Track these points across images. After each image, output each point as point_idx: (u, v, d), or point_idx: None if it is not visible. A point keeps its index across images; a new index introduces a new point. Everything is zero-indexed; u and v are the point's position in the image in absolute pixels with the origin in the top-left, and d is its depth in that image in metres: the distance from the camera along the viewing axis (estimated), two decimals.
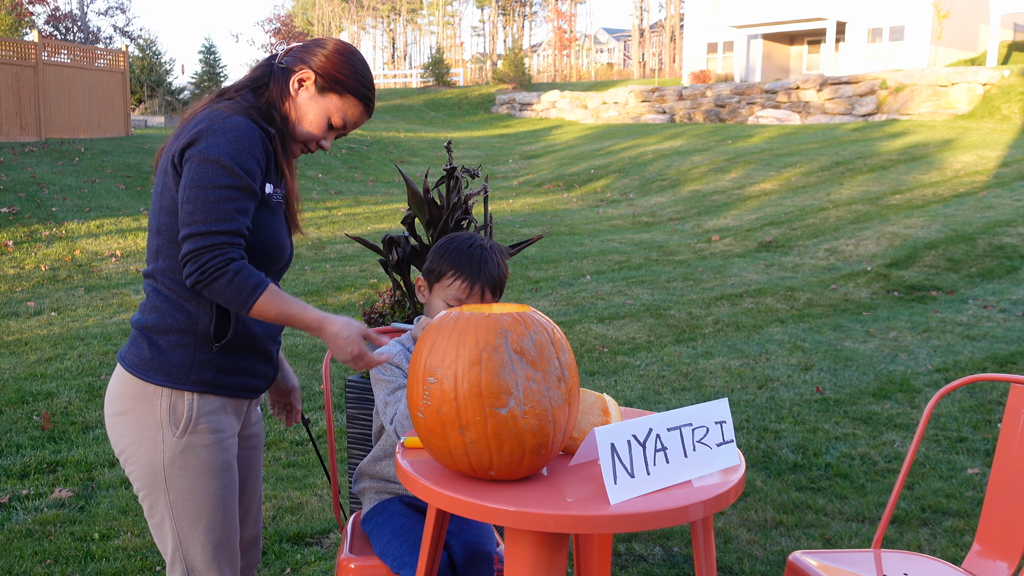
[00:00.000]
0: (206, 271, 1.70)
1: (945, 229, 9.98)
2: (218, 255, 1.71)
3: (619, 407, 1.64)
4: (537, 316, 1.50)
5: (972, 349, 6.21)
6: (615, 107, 28.29)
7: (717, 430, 1.50)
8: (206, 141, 1.75)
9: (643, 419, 1.43)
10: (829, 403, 5.14)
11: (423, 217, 2.92)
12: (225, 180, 1.73)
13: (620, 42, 67.70)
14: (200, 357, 1.85)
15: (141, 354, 1.86)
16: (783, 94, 24.23)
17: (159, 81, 25.90)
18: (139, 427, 1.84)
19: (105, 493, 3.75)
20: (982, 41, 29.56)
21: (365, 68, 1.95)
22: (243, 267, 1.73)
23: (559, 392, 1.43)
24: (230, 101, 1.87)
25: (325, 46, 1.94)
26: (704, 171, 16.01)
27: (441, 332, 1.47)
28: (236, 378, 1.91)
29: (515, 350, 1.41)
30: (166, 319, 1.85)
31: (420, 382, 1.46)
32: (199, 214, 1.72)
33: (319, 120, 1.91)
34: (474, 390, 1.39)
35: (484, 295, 2.09)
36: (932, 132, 17.55)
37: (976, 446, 4.42)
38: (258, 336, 1.92)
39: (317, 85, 1.90)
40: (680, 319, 7.19)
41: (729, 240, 10.95)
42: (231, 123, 1.78)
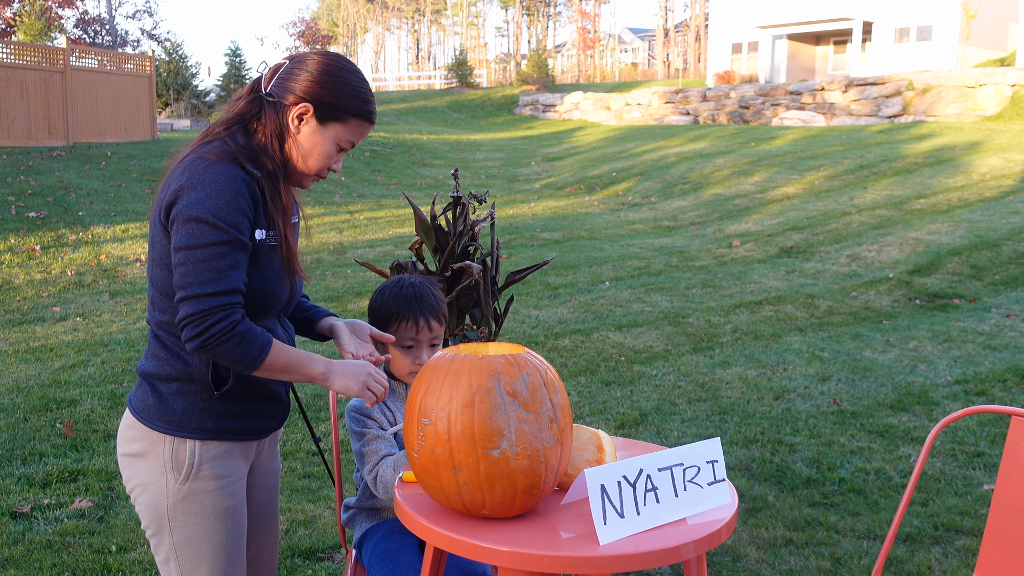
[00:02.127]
0: (211, 336, 1.69)
1: (969, 235, 9.88)
2: (222, 318, 1.69)
3: (614, 443, 1.66)
4: (530, 358, 1.53)
5: (993, 360, 6.16)
6: (638, 108, 28.23)
7: (708, 469, 1.52)
8: (187, 197, 1.72)
9: (634, 460, 1.45)
10: (846, 415, 5.12)
11: (430, 243, 2.96)
12: (212, 237, 1.70)
13: (644, 42, 67.53)
14: (200, 405, 1.85)
15: (145, 400, 1.88)
16: (808, 95, 24.07)
17: (185, 84, 26.16)
18: (145, 470, 1.87)
19: (124, 504, 3.81)
20: (1011, 41, 29.20)
21: (359, 79, 1.89)
22: (248, 328, 1.73)
23: (551, 433, 1.45)
24: (217, 143, 1.82)
25: (310, 67, 1.86)
26: (727, 174, 15.94)
27: (436, 374, 1.50)
28: (240, 422, 1.91)
29: (508, 392, 1.43)
30: (165, 367, 1.85)
31: (415, 423, 1.49)
32: (192, 276, 1.70)
33: (328, 151, 1.88)
34: (467, 432, 1.42)
35: (431, 326, 2.22)
36: (959, 134, 17.37)
37: (994, 461, 4.39)
38: (261, 380, 1.90)
39: (317, 117, 1.85)
40: (698, 327, 7.18)
41: (750, 245, 10.91)
42: (210, 174, 1.74)
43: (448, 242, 2.83)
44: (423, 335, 2.20)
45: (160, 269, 1.81)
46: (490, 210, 2.97)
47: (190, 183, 1.73)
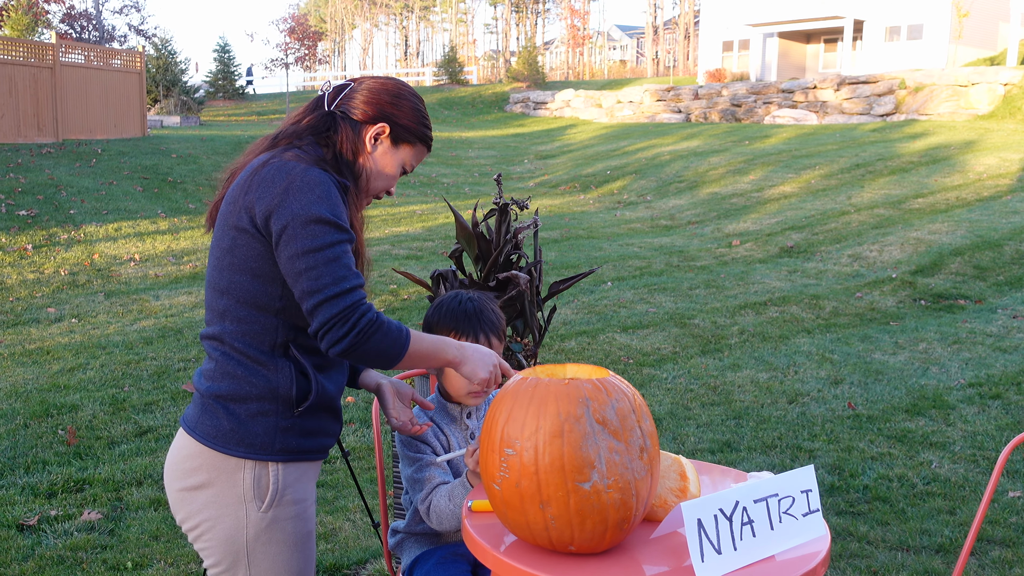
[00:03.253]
0: (361, 331, 1.63)
1: (970, 235, 9.86)
2: (365, 311, 1.66)
3: (695, 469, 1.58)
4: (618, 382, 1.44)
5: (1005, 362, 6.11)
6: (630, 106, 28.17)
7: (803, 499, 1.43)
8: (297, 201, 1.66)
9: (729, 492, 1.36)
10: (862, 419, 5.06)
11: (472, 252, 2.85)
12: (335, 236, 1.67)
13: (633, 39, 67.48)
14: (283, 424, 1.75)
15: (218, 425, 1.75)
16: (800, 93, 24.07)
17: (174, 81, 25.92)
18: (219, 502, 1.74)
19: (135, 515, 3.70)
20: (1002, 40, 29.29)
21: (423, 106, 1.93)
22: (388, 319, 1.70)
23: (641, 463, 1.36)
24: (296, 151, 1.77)
25: (381, 89, 1.87)
26: (722, 173, 15.89)
27: (519, 400, 1.40)
28: (315, 440, 1.82)
29: (597, 420, 1.34)
30: (243, 386, 1.74)
31: (496, 453, 1.39)
32: (327, 276, 1.64)
33: (395, 172, 1.89)
34: (556, 463, 1.33)
35: (491, 343, 2.14)
36: (952, 133, 17.39)
37: (1017, 467, 4.33)
38: (332, 394, 1.84)
39: (392, 138, 1.86)
40: (705, 328, 7.11)
41: (750, 245, 10.85)
42: (312, 177, 1.69)
43: (491, 251, 2.73)
44: None
45: (241, 275, 1.73)
46: (534, 217, 2.87)
47: (295, 186, 1.68)
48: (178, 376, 5.79)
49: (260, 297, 1.72)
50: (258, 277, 1.72)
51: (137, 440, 4.65)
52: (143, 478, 4.12)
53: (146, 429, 4.81)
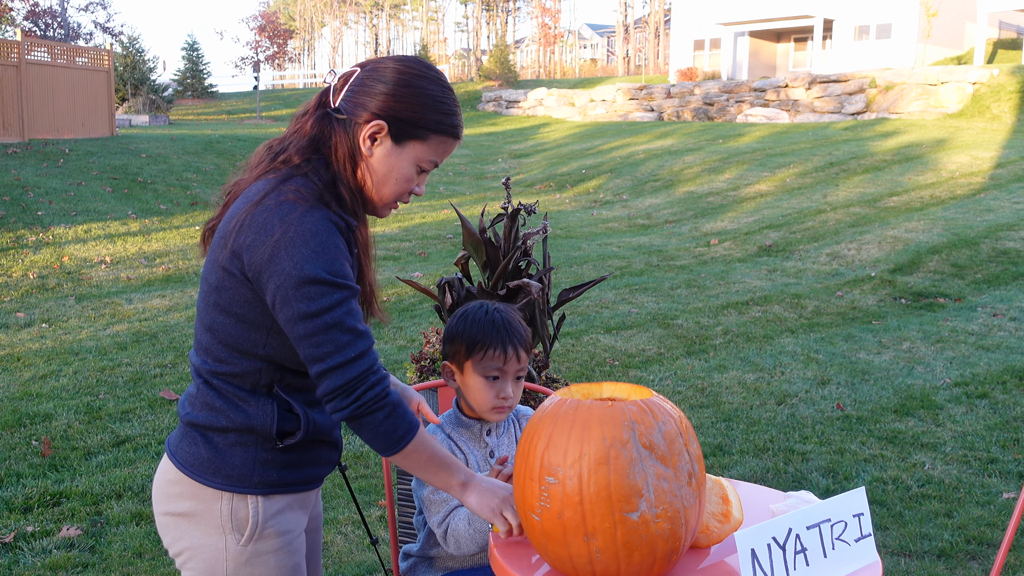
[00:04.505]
0: (363, 405, 1.52)
1: (947, 233, 9.91)
2: (374, 383, 1.53)
3: (736, 491, 1.50)
4: (663, 403, 1.36)
5: (988, 361, 6.12)
6: (603, 105, 28.17)
7: (855, 524, 1.37)
8: (289, 258, 1.50)
9: (782, 519, 1.29)
10: (852, 420, 5.03)
11: (480, 259, 2.76)
12: (333, 298, 1.51)
13: (604, 38, 67.61)
14: (262, 456, 1.64)
15: (196, 453, 1.64)
16: (772, 92, 24.18)
17: (142, 79, 25.52)
18: (199, 531, 1.65)
19: (116, 531, 3.57)
20: (968, 39, 29.66)
21: (441, 88, 1.65)
22: (400, 402, 1.56)
23: (690, 490, 1.28)
24: (298, 180, 1.59)
25: (383, 76, 1.61)
26: (697, 171, 15.91)
27: (559, 424, 1.31)
28: (302, 472, 1.70)
29: (644, 445, 1.26)
30: (220, 419, 1.63)
31: (536, 481, 1.30)
32: (328, 345, 1.51)
33: (406, 174, 1.65)
34: (602, 493, 1.24)
35: (520, 356, 2.00)
36: (924, 132, 17.54)
37: (1008, 468, 4.31)
38: (326, 428, 1.71)
39: (393, 136, 1.61)
40: (689, 329, 7.07)
41: (728, 244, 10.84)
42: (308, 226, 1.52)
43: (499, 258, 2.64)
44: (511, 365, 1.96)
45: (225, 317, 1.60)
46: (543, 222, 2.78)
47: (288, 238, 1.51)
48: (155, 383, 5.64)
49: (243, 342, 1.60)
50: (243, 322, 1.59)
51: (115, 450, 4.51)
52: (123, 490, 3.98)
53: (124, 439, 4.67)
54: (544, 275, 2.78)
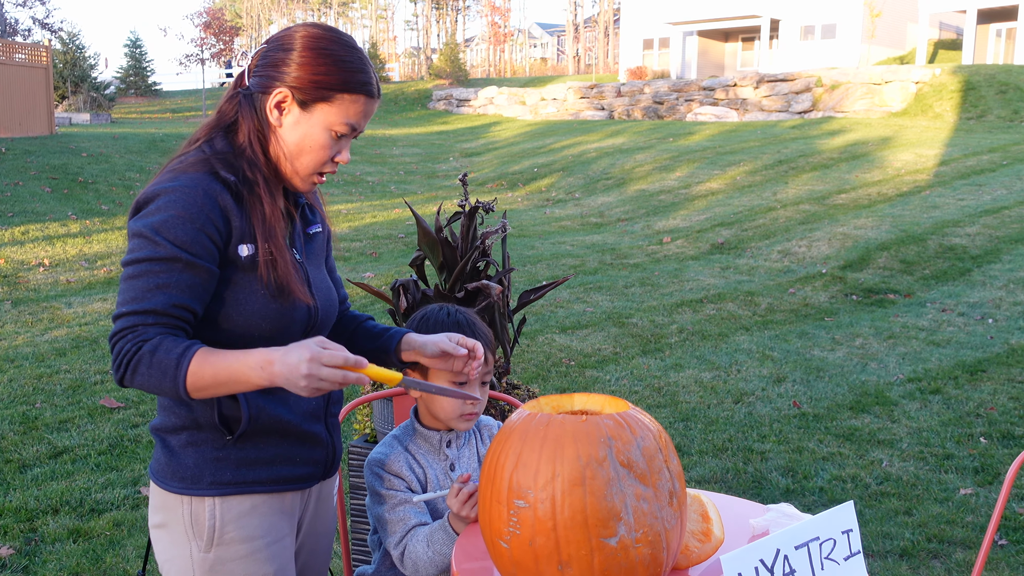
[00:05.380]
0: (120, 363, 1.42)
1: (895, 230, 10.03)
2: (130, 339, 1.42)
3: (716, 506, 1.41)
4: (640, 416, 1.26)
5: (939, 356, 6.17)
6: (554, 103, 28.16)
7: (844, 541, 1.29)
8: (143, 211, 1.49)
9: (769, 539, 1.20)
10: (808, 418, 5.01)
11: (436, 260, 2.64)
12: (144, 253, 1.46)
13: (554, 37, 67.75)
14: (213, 454, 1.55)
15: (159, 459, 1.60)
16: (721, 91, 24.38)
17: (83, 77, 24.85)
18: (171, 542, 1.58)
19: (51, 548, 3.39)
20: (910, 39, 30.24)
21: (347, 48, 1.56)
22: (160, 342, 1.41)
23: (671, 510, 1.19)
24: (193, 152, 1.56)
25: (289, 45, 1.55)
26: (649, 170, 15.94)
27: (528, 442, 1.20)
28: (267, 470, 1.58)
29: (622, 463, 1.16)
30: (171, 417, 1.57)
31: (504, 505, 1.20)
32: (119, 296, 1.47)
33: (320, 140, 1.55)
34: (577, 517, 1.14)
35: (486, 359, 1.86)
36: (869, 130, 17.79)
37: (964, 463, 4.33)
38: (287, 418, 1.59)
39: (298, 102, 1.54)
40: (644, 328, 7.02)
41: (681, 242, 10.85)
42: (175, 184, 1.49)
43: (457, 258, 2.52)
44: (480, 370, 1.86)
45: None
46: (502, 221, 2.68)
47: (147, 197, 1.50)
48: (95, 390, 5.42)
49: None
50: None
51: (51, 462, 4.30)
52: (59, 505, 3.79)
53: (61, 450, 4.46)
54: (504, 276, 2.68)
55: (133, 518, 3.68)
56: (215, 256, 1.51)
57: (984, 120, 18.55)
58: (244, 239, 1.53)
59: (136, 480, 4.10)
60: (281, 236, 1.57)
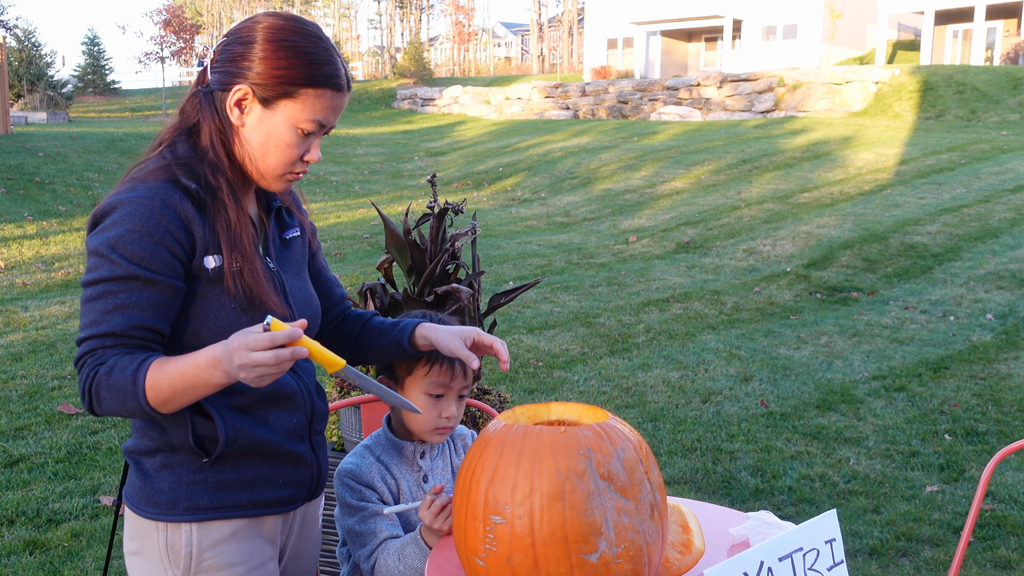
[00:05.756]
0: (84, 392, 1.36)
1: (857, 228, 10.13)
2: (88, 363, 1.36)
3: (696, 517, 1.38)
4: (620, 427, 1.22)
5: (903, 354, 6.23)
6: (518, 103, 28.15)
7: (827, 551, 1.27)
8: (100, 226, 1.42)
9: (752, 552, 1.17)
10: (776, 417, 5.03)
11: (405, 263, 2.58)
12: (101, 273, 1.38)
13: (518, 36, 67.78)
14: (189, 477, 1.47)
15: (132, 483, 1.53)
16: (684, 91, 24.52)
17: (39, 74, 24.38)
18: (147, 570, 1.50)
19: (6, 561, 3.28)
20: (870, 40, 30.64)
21: (311, 39, 1.46)
22: (116, 363, 1.35)
23: (653, 524, 1.16)
24: (155, 159, 1.48)
25: (249, 38, 1.45)
26: (614, 169, 15.97)
27: (505, 455, 1.16)
28: (247, 493, 1.50)
29: (602, 476, 1.13)
30: (144, 439, 1.50)
31: (480, 521, 1.16)
32: (80, 320, 1.41)
33: (286, 139, 1.45)
34: (557, 533, 1.10)
35: (466, 373, 1.79)
36: (831, 129, 17.98)
37: (929, 460, 4.36)
38: (267, 438, 1.50)
39: (260, 99, 1.44)
40: (611, 327, 7.01)
41: (647, 241, 10.87)
42: (131, 196, 1.40)
43: (426, 262, 2.47)
44: (456, 382, 1.78)
45: None
46: (472, 222, 2.63)
47: (103, 211, 1.42)
48: (52, 396, 5.29)
49: None
50: None
51: (7, 471, 4.18)
52: (15, 516, 3.68)
53: (17, 458, 4.34)
54: (475, 279, 2.63)
55: (92, 528, 3.58)
56: (178, 270, 1.42)
57: (942, 120, 18.83)
58: (209, 249, 1.44)
59: (95, 489, 4.00)
60: (249, 244, 1.48)
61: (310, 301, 1.62)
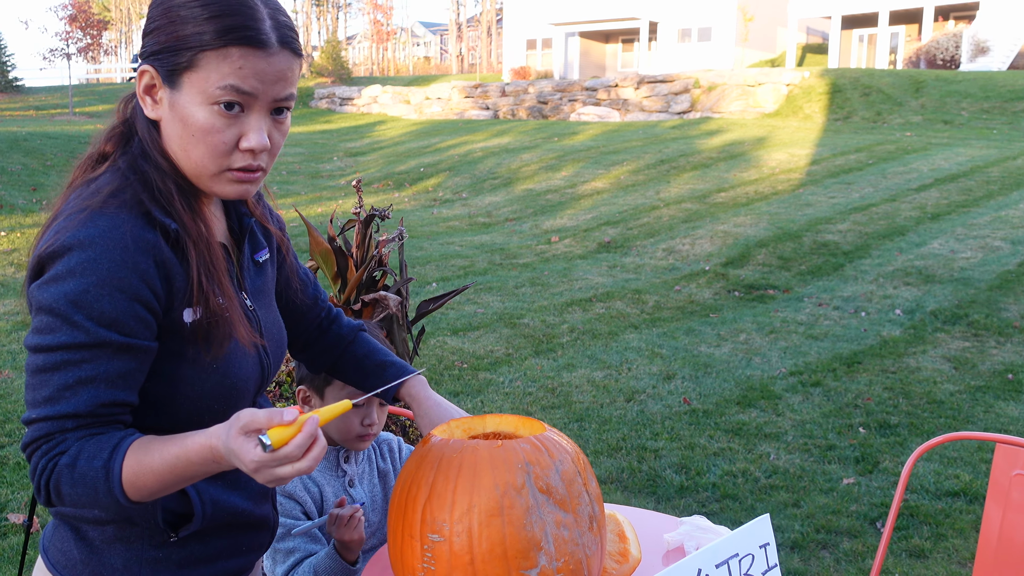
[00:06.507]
0: (39, 484, 1.12)
1: (772, 227, 10.39)
2: (43, 454, 1.12)
3: (631, 524, 1.38)
4: (557, 438, 1.21)
5: (818, 350, 6.41)
6: (439, 103, 28.06)
7: (762, 555, 1.28)
8: (51, 272, 1.13)
9: (690, 560, 1.18)
10: (698, 414, 5.12)
11: (330, 271, 2.52)
12: (58, 338, 1.11)
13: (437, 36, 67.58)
14: (150, 554, 1.25)
15: (68, 552, 1.27)
16: (603, 91, 24.79)
17: None
18: None
19: None
20: (780, 43, 31.48)
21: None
22: (80, 451, 1.11)
23: (592, 535, 1.15)
24: (107, 175, 1.20)
25: (150, 14, 1.20)
26: (535, 169, 16.05)
27: (442, 471, 1.13)
28: (209, 568, 1.31)
29: (541, 489, 1.11)
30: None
31: (417, 539, 1.13)
32: (29, 392, 1.13)
33: (203, 121, 1.15)
34: (496, 549, 1.08)
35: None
36: (745, 130, 18.41)
37: (845, 454, 4.49)
38: (241, 507, 1.33)
39: (165, 79, 1.17)
40: (535, 328, 7.04)
41: (569, 241, 10.95)
42: (92, 234, 1.12)
43: (352, 269, 2.42)
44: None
45: None
46: (399, 228, 2.59)
47: (52, 251, 1.13)
48: None
49: None
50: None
51: None
52: None
53: None
54: (403, 287, 2.60)
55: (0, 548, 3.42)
56: (153, 329, 1.17)
57: (850, 121, 19.46)
58: (190, 301, 1.20)
59: (2, 507, 3.82)
60: (223, 271, 1.24)
61: (281, 335, 1.42)
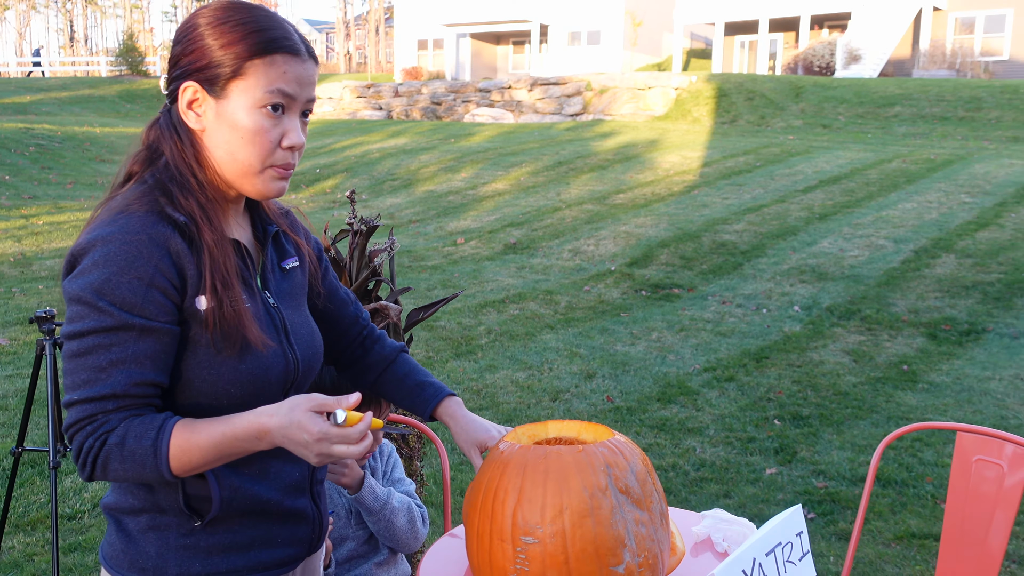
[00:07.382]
0: (85, 461, 1.24)
1: (672, 228, 10.72)
2: (91, 432, 1.23)
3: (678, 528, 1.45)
4: (627, 442, 1.27)
5: (727, 346, 6.67)
6: (330, 103, 27.68)
7: (798, 543, 1.37)
8: (78, 267, 1.26)
9: (745, 552, 1.25)
10: (623, 412, 5.26)
11: None
12: (88, 324, 1.23)
13: (323, 34, 66.52)
14: (180, 542, 1.34)
15: (113, 544, 1.38)
16: (497, 93, 24.97)
17: None
18: None
19: None
20: (666, 48, 32.39)
21: (244, 10, 1.32)
22: (127, 430, 1.23)
23: (663, 531, 1.22)
24: (135, 187, 1.34)
25: (185, 34, 1.34)
26: (435, 170, 16.05)
27: (530, 476, 1.18)
28: (243, 556, 1.37)
29: (620, 490, 1.17)
30: (128, 497, 1.36)
31: (508, 542, 1.17)
32: (69, 377, 1.25)
33: (253, 125, 1.30)
34: (588, 548, 1.14)
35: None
36: (637, 132, 18.89)
37: (765, 445, 4.71)
38: (266, 497, 1.38)
39: (209, 91, 1.31)
40: (452, 331, 7.08)
41: (475, 242, 11.02)
42: (110, 232, 1.26)
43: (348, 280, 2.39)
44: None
45: None
46: (390, 238, 2.58)
47: (81, 249, 1.26)
48: None
49: None
50: None
51: None
52: None
53: None
54: (399, 296, 2.60)
55: None
56: (173, 313, 1.28)
57: (736, 124, 20.22)
58: (200, 289, 1.31)
59: None
60: (233, 272, 1.34)
61: (313, 338, 1.50)
